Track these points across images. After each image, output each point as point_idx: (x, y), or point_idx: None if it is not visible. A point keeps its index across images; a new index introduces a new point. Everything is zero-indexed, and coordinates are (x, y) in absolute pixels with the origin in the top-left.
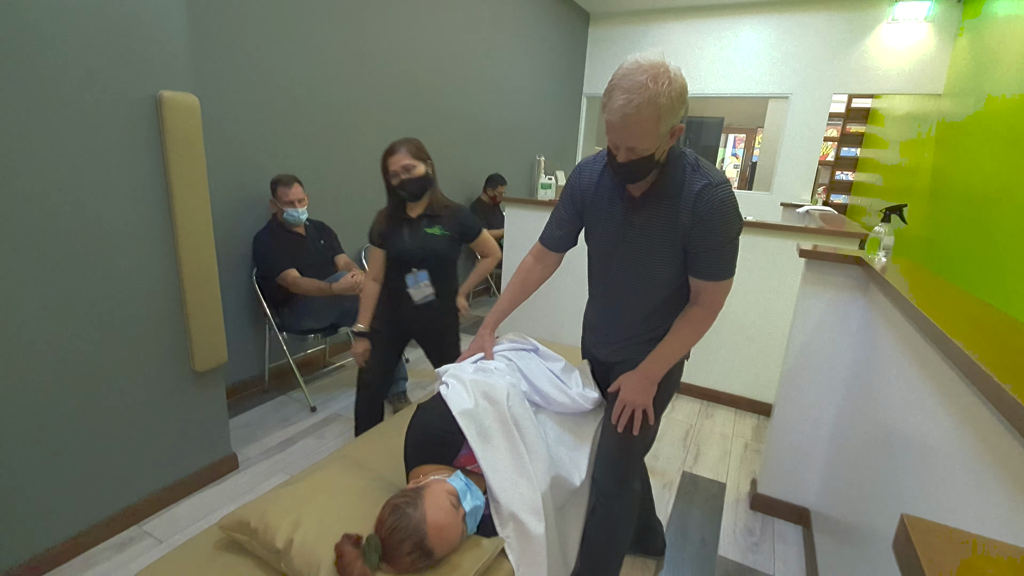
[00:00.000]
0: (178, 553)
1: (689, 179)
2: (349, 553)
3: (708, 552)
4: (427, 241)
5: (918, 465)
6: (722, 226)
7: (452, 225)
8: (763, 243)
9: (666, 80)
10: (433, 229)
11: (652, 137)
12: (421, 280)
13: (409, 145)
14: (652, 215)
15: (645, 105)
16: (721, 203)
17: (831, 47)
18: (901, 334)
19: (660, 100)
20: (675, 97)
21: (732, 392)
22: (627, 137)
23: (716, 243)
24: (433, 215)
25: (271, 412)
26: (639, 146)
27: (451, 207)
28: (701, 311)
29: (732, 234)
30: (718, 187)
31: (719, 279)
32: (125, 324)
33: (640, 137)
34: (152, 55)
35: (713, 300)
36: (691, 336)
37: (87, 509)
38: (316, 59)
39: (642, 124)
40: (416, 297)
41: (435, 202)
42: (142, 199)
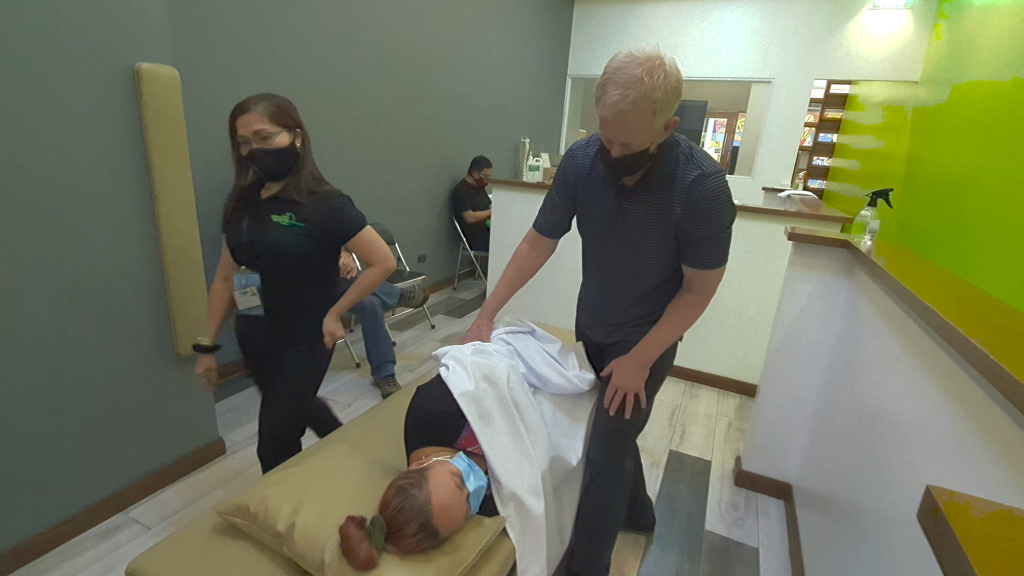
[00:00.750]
0: (175, 538)
1: (682, 169)
2: (354, 535)
3: (695, 527)
4: (268, 232)
5: (898, 439)
6: (715, 216)
7: (315, 215)
8: (749, 227)
9: (661, 74)
10: (282, 217)
11: (647, 133)
12: (250, 284)
13: (268, 104)
14: (644, 204)
15: (640, 100)
16: (715, 193)
17: (814, 32)
18: (886, 313)
19: (655, 95)
20: (671, 91)
21: (716, 373)
22: (622, 133)
23: (709, 233)
24: (288, 199)
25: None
26: (634, 142)
27: (320, 193)
28: (694, 297)
29: (725, 224)
30: (711, 177)
31: (712, 267)
32: (105, 306)
33: (635, 133)
34: (128, 25)
35: (706, 287)
36: (684, 322)
37: (71, 496)
38: (300, 35)
39: (637, 120)
40: (240, 305)
41: (294, 184)
42: (120, 177)
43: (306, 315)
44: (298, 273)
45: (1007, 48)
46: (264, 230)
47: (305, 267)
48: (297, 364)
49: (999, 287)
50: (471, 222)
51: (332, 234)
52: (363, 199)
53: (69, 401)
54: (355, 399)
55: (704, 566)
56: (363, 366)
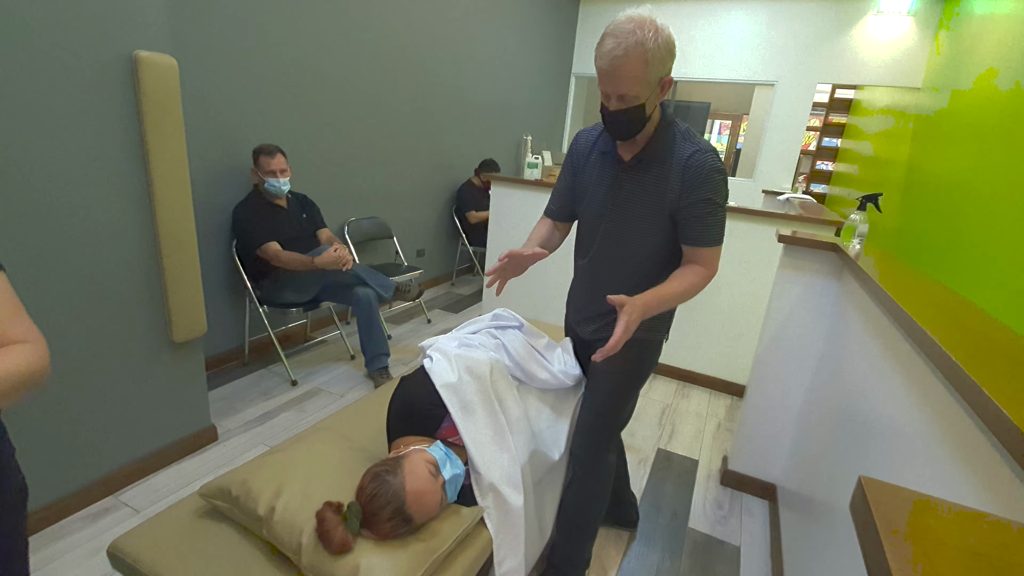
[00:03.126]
0: (158, 520)
1: (679, 146)
2: (331, 519)
3: (679, 524)
4: None
5: (879, 443)
6: (712, 190)
7: None
8: (742, 228)
9: (653, 29)
10: None
11: (641, 83)
12: None
13: None
14: (641, 179)
15: (633, 48)
16: (711, 167)
17: (818, 36)
18: (869, 318)
19: (648, 45)
20: (663, 45)
21: (708, 373)
22: (617, 82)
23: (710, 208)
24: None
25: (251, 385)
26: (629, 92)
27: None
28: (705, 271)
29: (721, 199)
30: (707, 153)
31: (713, 244)
32: (100, 292)
33: (629, 82)
34: (127, 12)
35: (712, 263)
36: (692, 285)
37: (61, 479)
38: (302, 28)
39: (630, 67)
40: None
41: None
42: (117, 164)
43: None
44: None
45: (1007, 56)
46: None
47: None
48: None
49: (994, 297)
50: (474, 222)
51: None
52: (362, 193)
53: (63, 384)
54: (348, 390)
55: (685, 562)
56: (358, 358)
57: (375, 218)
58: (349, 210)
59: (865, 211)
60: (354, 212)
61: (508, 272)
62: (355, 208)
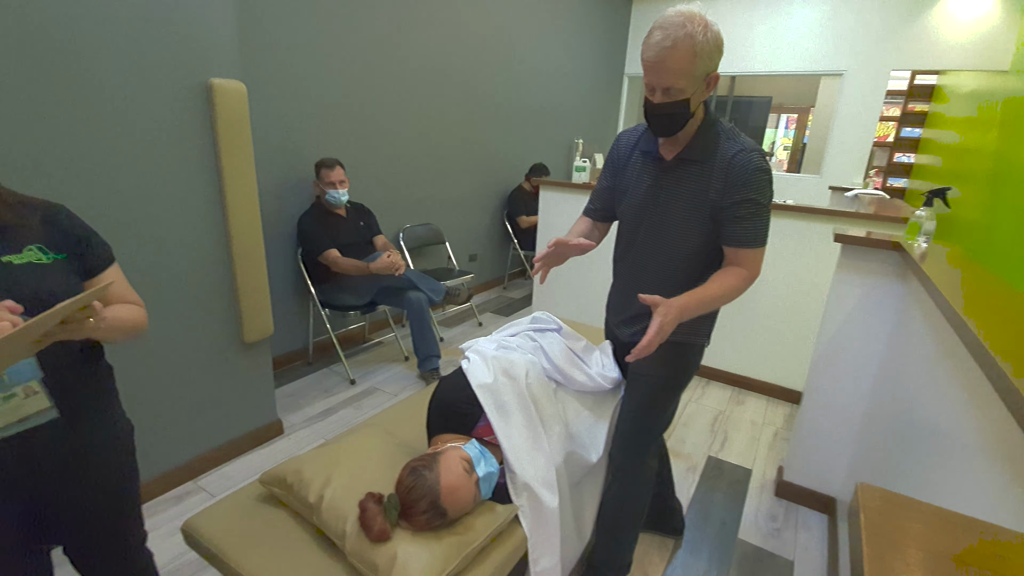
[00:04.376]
0: (223, 503)
1: (723, 145)
2: (371, 509)
3: (728, 534)
4: (16, 282)
5: (948, 459)
6: (756, 190)
7: (57, 237)
8: (800, 227)
9: (703, 24)
10: (23, 255)
11: (688, 76)
12: (21, 378)
13: None
14: (682, 178)
15: (681, 40)
16: (759, 167)
17: (890, 20)
18: (933, 325)
19: (697, 38)
20: (711, 40)
21: (765, 379)
22: (663, 74)
23: (754, 208)
24: (3, 226)
25: (314, 383)
26: (675, 84)
27: (35, 204)
28: (746, 273)
29: (765, 200)
30: (752, 152)
31: (757, 245)
32: (182, 296)
33: (676, 74)
34: (202, 45)
35: (755, 265)
36: (732, 287)
37: (148, 464)
38: (356, 48)
39: (678, 59)
40: (1, 420)
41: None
42: (196, 180)
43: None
44: None
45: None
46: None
47: None
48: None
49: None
50: (525, 227)
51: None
52: (416, 200)
53: (151, 378)
54: (402, 389)
55: (733, 574)
56: (411, 359)
57: (429, 224)
58: (404, 217)
59: (932, 207)
60: (409, 219)
61: (552, 260)
62: (410, 215)
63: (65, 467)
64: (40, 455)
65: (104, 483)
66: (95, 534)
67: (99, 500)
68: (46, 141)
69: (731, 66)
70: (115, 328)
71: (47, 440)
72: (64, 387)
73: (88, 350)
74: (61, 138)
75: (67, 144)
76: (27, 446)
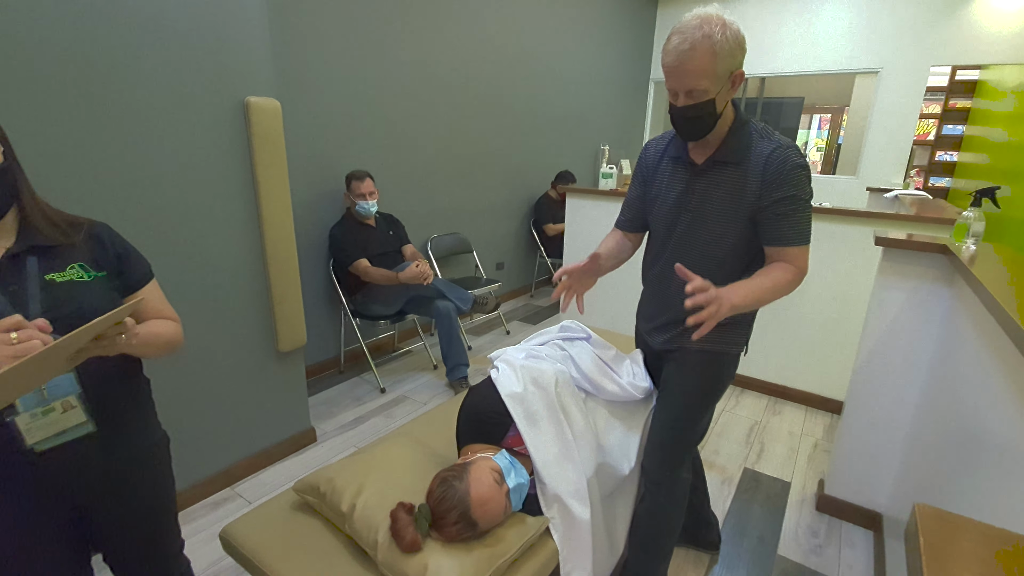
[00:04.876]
0: (258, 512)
1: (757, 144)
2: (403, 519)
3: (766, 550)
4: (58, 299)
5: (1009, 476)
6: (797, 187)
7: (99, 255)
8: (839, 231)
9: (720, 23)
10: (66, 273)
11: (709, 76)
12: (60, 392)
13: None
14: (715, 182)
15: (700, 41)
16: (794, 164)
17: (928, 15)
18: (985, 330)
19: (715, 37)
20: (730, 38)
21: (803, 388)
22: (684, 77)
23: (795, 206)
24: (49, 245)
25: (346, 391)
26: (697, 86)
27: (80, 224)
28: (794, 270)
29: (806, 196)
30: (788, 149)
31: (802, 242)
32: (219, 307)
33: (697, 75)
34: (239, 66)
35: (802, 263)
36: (783, 281)
37: (187, 471)
38: (384, 63)
39: (697, 60)
40: (39, 434)
41: (37, 218)
42: (233, 194)
43: (142, 416)
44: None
45: None
46: (55, 298)
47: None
48: (166, 501)
49: None
50: (551, 235)
51: (125, 275)
52: (444, 210)
53: (189, 387)
54: (431, 398)
55: None
56: (440, 368)
57: (456, 234)
58: (432, 227)
59: (980, 207)
60: (436, 229)
61: (576, 286)
62: (437, 225)
63: (103, 479)
64: (78, 468)
65: (141, 494)
66: (134, 543)
67: (137, 511)
68: (94, 161)
69: (761, 67)
70: (149, 344)
71: (85, 453)
72: (101, 402)
73: (126, 365)
74: (108, 158)
75: (113, 163)
76: (65, 459)
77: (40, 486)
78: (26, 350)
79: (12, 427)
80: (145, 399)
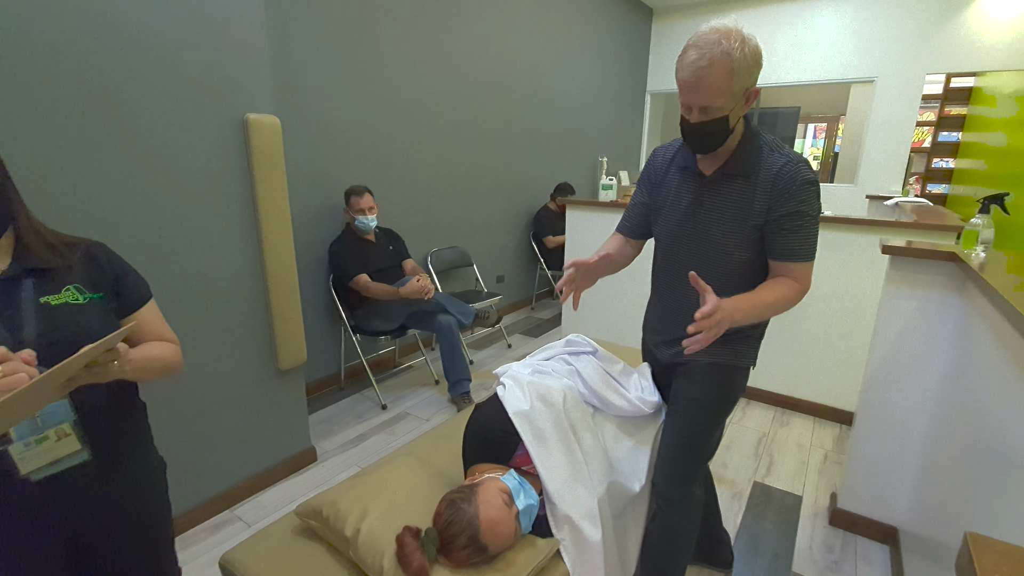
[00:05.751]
0: (259, 537)
1: (767, 158)
2: (409, 544)
3: (781, 568)
4: (53, 323)
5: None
6: (805, 202)
7: (96, 276)
8: (845, 239)
9: (739, 39)
10: (61, 295)
11: (726, 94)
12: (54, 420)
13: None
14: (724, 194)
15: (718, 58)
16: (804, 180)
17: (922, 24)
18: (1001, 337)
19: (734, 54)
20: (749, 55)
21: (810, 399)
22: (700, 94)
23: (803, 221)
24: (44, 268)
25: (347, 409)
26: (712, 103)
27: (76, 244)
28: (798, 286)
29: (814, 212)
30: (799, 164)
31: (806, 259)
32: (218, 325)
33: (713, 93)
34: (239, 83)
35: (805, 279)
36: (784, 297)
37: (185, 494)
38: (383, 79)
39: (715, 78)
40: (33, 463)
41: (32, 240)
42: (233, 211)
43: (140, 444)
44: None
45: None
46: (48, 321)
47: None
48: (164, 537)
49: None
50: (551, 247)
51: (122, 297)
52: (443, 224)
53: (187, 407)
54: (433, 414)
55: None
56: (442, 383)
57: (456, 247)
58: (432, 241)
59: (989, 214)
60: (436, 243)
61: (579, 282)
62: (437, 239)
63: (98, 508)
64: (73, 496)
65: (137, 523)
66: (129, 572)
67: (133, 540)
68: (90, 179)
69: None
70: (144, 368)
71: (80, 482)
72: (96, 429)
73: (121, 390)
74: (104, 176)
75: (110, 182)
76: (60, 488)
77: (34, 516)
78: (10, 384)
79: (5, 456)
80: (141, 424)
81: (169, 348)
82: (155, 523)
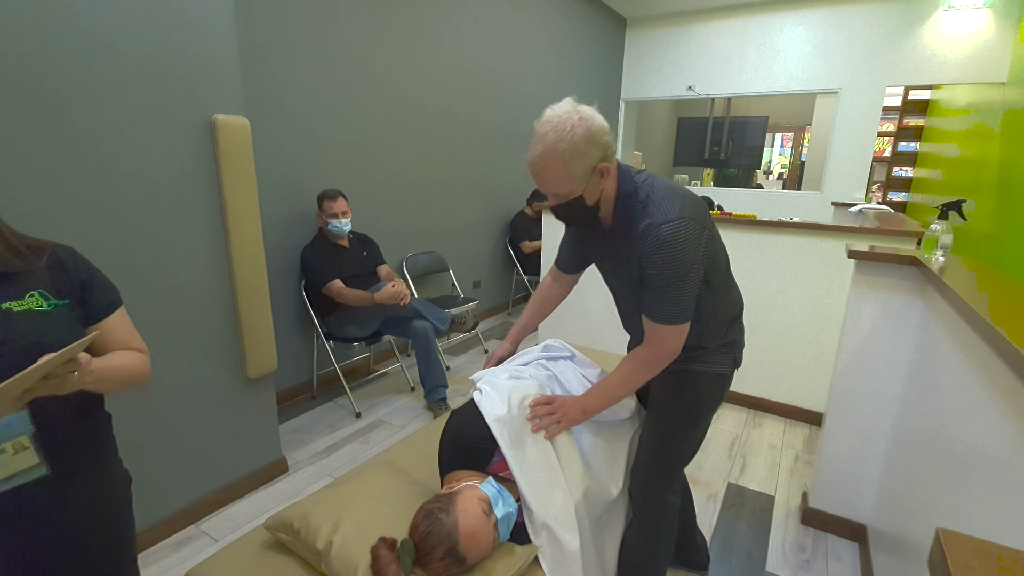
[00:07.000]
0: (227, 552)
1: (637, 217)
2: (384, 556)
3: (755, 567)
4: (14, 330)
5: (987, 479)
6: (662, 267)
7: (61, 282)
8: (812, 245)
9: (568, 127)
10: (24, 301)
11: (565, 181)
12: (11, 432)
13: None
14: (616, 246)
15: (546, 154)
16: (663, 242)
17: (883, 38)
18: (960, 338)
19: (560, 147)
20: (579, 141)
21: (781, 401)
22: (543, 183)
23: (659, 284)
24: (7, 272)
25: (319, 418)
26: (559, 191)
27: (43, 247)
28: (647, 352)
29: (674, 276)
30: (660, 227)
31: (662, 322)
32: (183, 332)
33: (553, 183)
34: (207, 82)
35: (660, 343)
36: (634, 375)
37: (147, 509)
38: (357, 81)
39: (548, 172)
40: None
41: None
42: (200, 215)
43: (105, 462)
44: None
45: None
46: (8, 328)
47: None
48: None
49: None
50: (528, 252)
51: (88, 304)
52: (419, 229)
53: (151, 418)
54: (409, 422)
55: None
56: (417, 389)
57: (432, 252)
58: (407, 246)
59: (947, 220)
60: (412, 248)
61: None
62: (413, 244)
63: (57, 525)
64: (31, 512)
65: (98, 540)
66: None
67: (93, 557)
68: (52, 179)
69: (726, 88)
70: (107, 380)
71: (38, 497)
72: (57, 443)
73: (84, 402)
74: (67, 176)
75: (71, 185)
76: (17, 503)
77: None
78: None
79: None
80: (105, 437)
81: (136, 358)
82: (117, 540)
